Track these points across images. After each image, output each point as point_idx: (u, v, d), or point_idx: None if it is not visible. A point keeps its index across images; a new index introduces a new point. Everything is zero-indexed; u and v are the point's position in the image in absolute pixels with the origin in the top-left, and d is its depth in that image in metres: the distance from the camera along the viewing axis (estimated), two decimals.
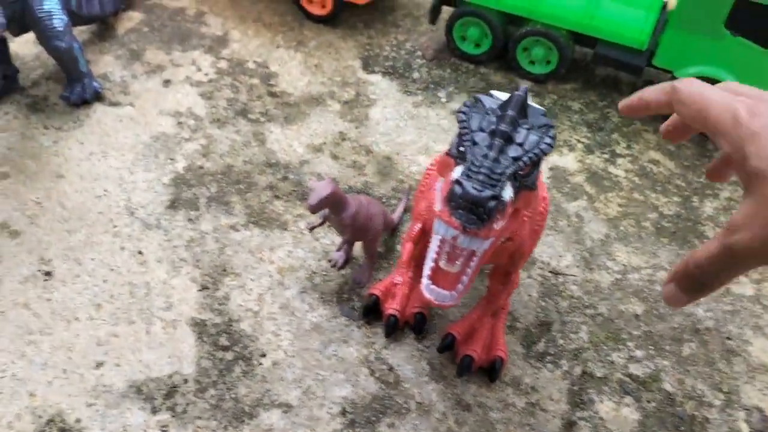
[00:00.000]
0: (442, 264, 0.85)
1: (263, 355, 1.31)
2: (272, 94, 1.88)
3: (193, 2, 2.16)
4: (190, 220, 1.54)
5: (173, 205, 1.56)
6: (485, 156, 0.80)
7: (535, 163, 0.83)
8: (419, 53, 2.07)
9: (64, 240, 1.47)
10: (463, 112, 0.87)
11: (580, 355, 1.36)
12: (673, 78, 1.82)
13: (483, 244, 0.79)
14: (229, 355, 1.30)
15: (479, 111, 0.87)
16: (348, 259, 1.48)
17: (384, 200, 1.62)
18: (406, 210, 1.60)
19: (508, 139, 0.83)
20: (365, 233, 1.37)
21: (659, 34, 1.80)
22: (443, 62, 2.05)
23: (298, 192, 1.62)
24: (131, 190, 1.58)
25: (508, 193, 0.79)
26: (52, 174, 1.61)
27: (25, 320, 1.32)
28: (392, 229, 1.54)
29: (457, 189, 0.76)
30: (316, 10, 2.10)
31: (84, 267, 1.42)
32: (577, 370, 1.34)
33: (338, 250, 1.37)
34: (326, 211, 1.31)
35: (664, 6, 1.84)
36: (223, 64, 1.96)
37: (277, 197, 1.61)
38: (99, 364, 1.27)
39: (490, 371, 1.29)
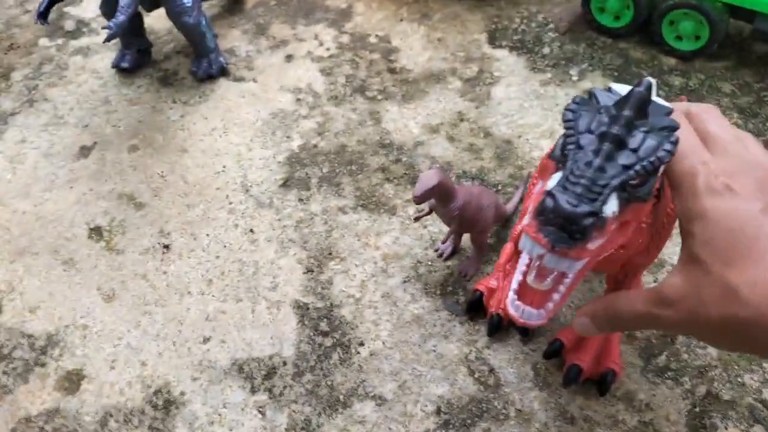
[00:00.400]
0: (530, 280, 0.76)
1: (361, 344, 1.29)
2: (392, 71, 1.83)
3: None
4: (301, 200, 1.54)
5: (286, 183, 1.57)
6: (589, 164, 0.69)
7: (650, 173, 0.71)
8: (552, 26, 1.93)
9: (183, 214, 1.53)
10: (571, 110, 0.76)
11: (706, 373, 1.22)
12: None
13: (574, 265, 0.69)
14: (328, 341, 1.30)
15: (590, 109, 0.75)
16: (455, 250, 1.41)
17: (499, 188, 1.54)
18: (523, 198, 1.50)
19: (620, 144, 0.71)
20: (474, 225, 1.30)
21: None
22: (578, 36, 1.89)
23: (410, 176, 1.57)
24: (248, 167, 1.61)
25: (611, 207, 0.68)
26: (177, 148, 1.67)
27: (143, 291, 1.39)
28: (506, 220, 1.45)
29: (549, 202, 0.66)
30: None
31: (199, 242, 1.47)
32: (701, 390, 1.20)
33: (444, 241, 1.31)
34: (432, 201, 1.25)
35: None
36: (345, 39, 1.93)
37: (388, 180, 1.57)
38: (206, 339, 1.31)
39: (600, 384, 1.19)
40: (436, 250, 1.42)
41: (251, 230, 1.48)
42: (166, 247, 1.47)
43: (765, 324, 0.65)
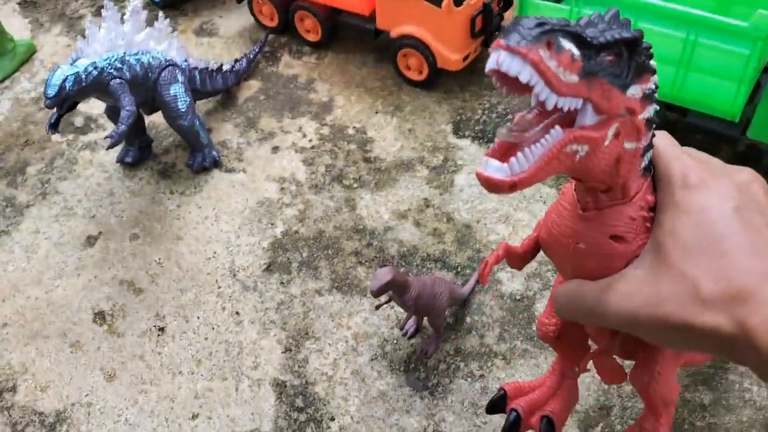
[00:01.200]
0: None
1: (332, 419, 1.46)
2: (366, 160, 2.03)
3: (304, 69, 2.37)
4: (282, 283, 1.72)
5: (269, 268, 1.76)
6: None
7: (610, 43, 0.67)
8: (511, 116, 2.14)
9: (177, 298, 1.71)
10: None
11: None
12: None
13: (524, 70, 0.62)
14: (303, 417, 1.47)
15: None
16: (418, 329, 1.59)
17: (459, 270, 1.72)
18: (478, 281, 1.68)
19: (604, 23, 0.69)
20: (429, 311, 1.48)
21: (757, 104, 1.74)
22: None
23: (380, 259, 1.75)
24: (236, 253, 1.80)
25: (570, 46, 0.63)
26: (173, 236, 1.87)
27: (140, 371, 1.57)
28: (464, 301, 1.63)
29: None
30: (414, 76, 2.23)
31: (191, 324, 1.65)
32: None
33: (403, 324, 1.48)
34: (390, 292, 1.44)
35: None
36: (325, 130, 2.14)
37: (360, 263, 1.75)
38: (194, 416, 1.48)
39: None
40: (401, 329, 1.59)
41: (237, 312, 1.67)
42: (161, 329, 1.65)
43: (724, 332, 0.61)
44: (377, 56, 2.40)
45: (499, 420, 1.42)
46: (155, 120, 2.18)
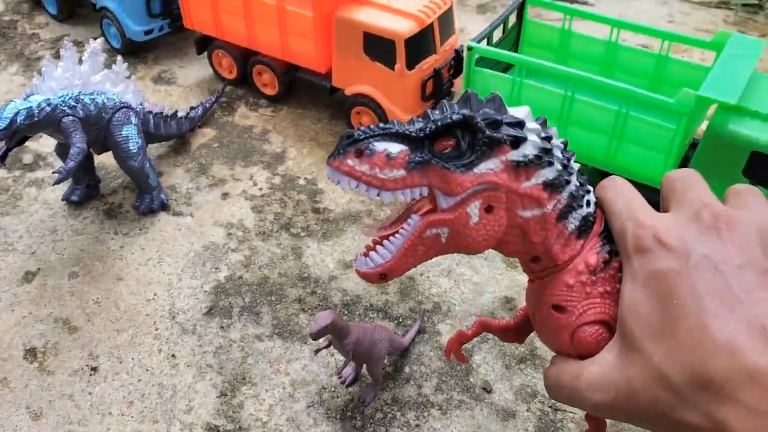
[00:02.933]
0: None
1: None
2: (315, 210, 2.07)
3: (260, 121, 2.42)
4: (222, 327, 1.71)
5: (210, 312, 1.75)
6: (393, 122, 0.72)
7: (447, 136, 0.70)
8: None
9: (112, 339, 1.68)
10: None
11: None
12: None
13: (336, 175, 0.69)
14: None
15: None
16: (356, 377, 1.59)
17: (400, 320, 1.74)
18: (419, 331, 1.70)
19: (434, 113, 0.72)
20: (368, 358, 1.49)
21: None
22: None
23: (323, 306, 1.76)
24: (177, 296, 1.79)
25: (385, 145, 0.68)
26: (114, 276, 1.84)
27: (68, 411, 1.52)
28: (403, 350, 1.65)
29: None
30: None
31: (124, 365, 1.62)
32: None
33: (340, 371, 1.49)
34: (330, 336, 1.45)
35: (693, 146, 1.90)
36: (277, 180, 2.18)
37: (303, 310, 1.76)
38: None
39: None
40: (340, 377, 1.59)
41: (173, 355, 1.64)
42: (94, 369, 1.61)
43: (704, 428, 0.54)
44: (332, 113, 2.47)
45: None
46: (105, 161, 2.18)
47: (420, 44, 2.11)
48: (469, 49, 1.95)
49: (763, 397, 0.50)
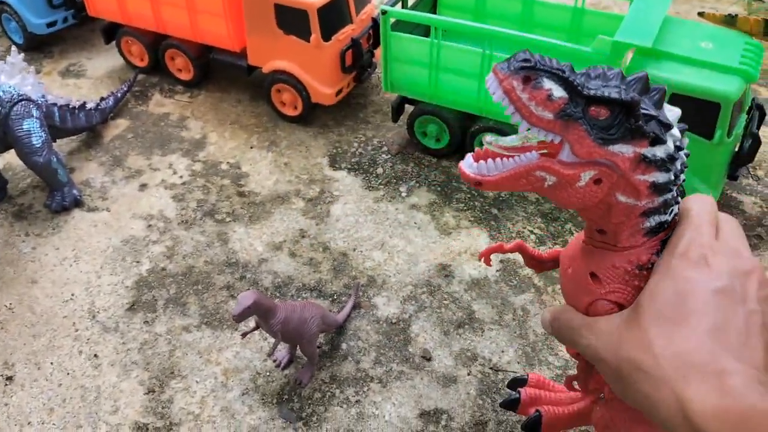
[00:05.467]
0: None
1: None
2: (241, 194, 1.99)
3: (177, 108, 2.32)
4: (146, 322, 1.62)
5: (132, 307, 1.66)
6: (565, 64, 0.73)
7: (607, 107, 0.72)
8: (385, 149, 2.17)
9: (28, 345, 1.57)
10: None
11: None
12: None
13: (497, 93, 0.71)
14: None
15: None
16: (291, 359, 1.53)
17: (335, 297, 1.68)
18: (355, 307, 1.65)
19: (608, 78, 0.74)
20: (299, 337, 1.43)
21: None
22: (407, 157, 2.13)
23: None
24: (96, 294, 1.69)
25: (553, 86, 0.71)
26: (27, 280, 1.73)
27: None
28: (339, 327, 1.59)
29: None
30: (289, 111, 2.23)
31: (43, 371, 1.51)
32: None
33: (271, 352, 1.42)
34: (256, 318, 1.38)
35: None
36: (197, 167, 2.08)
37: (232, 297, 1.68)
38: None
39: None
40: (274, 361, 1.53)
41: (95, 355, 1.55)
42: (9, 378, 1.50)
43: (663, 398, 0.64)
44: (253, 94, 2.38)
45: None
46: (12, 161, 2.05)
47: (334, 13, 2.05)
48: (383, 12, 1.89)
49: (720, 394, 0.61)
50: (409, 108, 2.14)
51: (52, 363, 1.53)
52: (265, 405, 1.45)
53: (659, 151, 0.75)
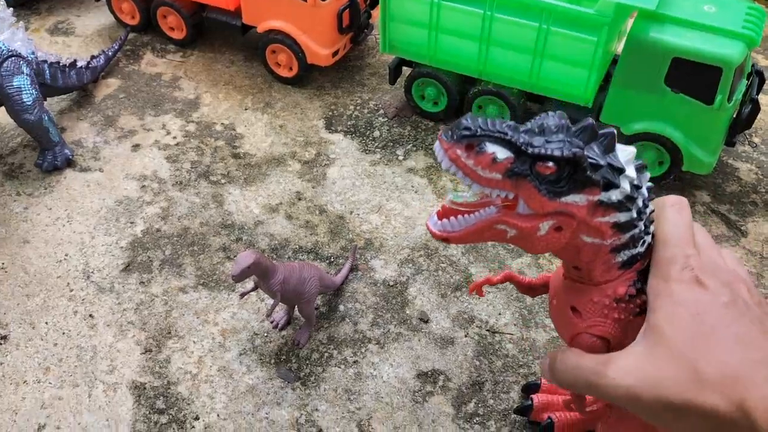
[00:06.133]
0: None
1: (197, 418, 1.36)
2: (235, 156, 1.96)
3: (169, 68, 2.27)
4: (142, 283, 1.61)
5: (128, 268, 1.64)
6: (511, 122, 0.76)
7: (537, 156, 0.74)
8: (382, 111, 2.14)
9: (22, 304, 1.55)
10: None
11: (509, 415, 1.38)
12: (620, 134, 1.84)
13: (445, 159, 0.74)
14: (164, 419, 1.36)
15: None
16: (289, 321, 1.53)
17: (332, 260, 1.68)
18: (352, 269, 1.64)
19: (542, 132, 0.76)
20: (298, 297, 1.42)
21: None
22: (404, 120, 2.11)
23: None
24: (90, 254, 1.67)
25: (497, 149, 0.73)
26: (20, 239, 1.70)
27: None
28: (336, 289, 1.59)
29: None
30: (284, 72, 2.19)
31: (37, 331, 1.50)
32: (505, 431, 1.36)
33: (269, 313, 1.42)
34: (255, 278, 1.37)
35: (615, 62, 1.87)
36: (191, 128, 2.05)
37: (228, 258, 1.67)
38: (41, 427, 1.34)
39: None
40: (272, 322, 1.52)
41: (91, 315, 1.53)
42: (4, 338, 1.49)
43: (723, 411, 0.64)
44: (247, 54, 2.34)
45: (372, 405, 1.38)
46: (1, 119, 2.01)
47: None
48: None
49: None
50: (406, 70, 2.11)
51: (47, 323, 1.52)
52: (263, 365, 1.45)
53: (614, 195, 0.77)
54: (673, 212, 0.79)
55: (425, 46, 1.94)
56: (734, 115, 1.79)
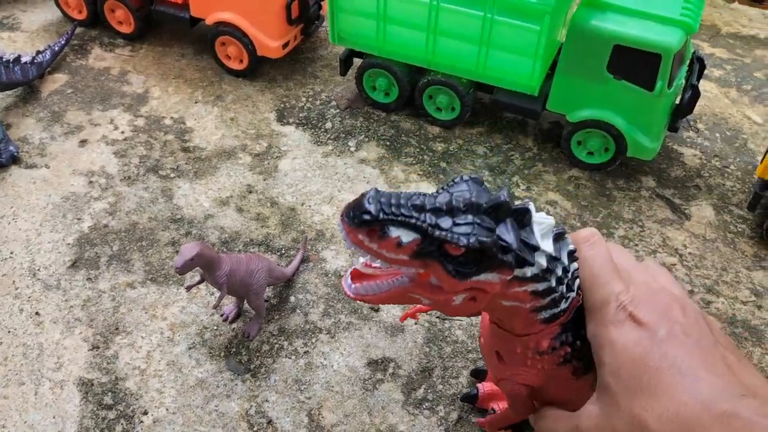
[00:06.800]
0: (359, 263, 0.83)
1: (145, 413, 1.35)
2: (185, 150, 1.95)
3: (117, 62, 2.24)
4: (89, 279, 1.59)
5: (75, 264, 1.62)
6: (417, 198, 0.74)
7: (438, 239, 0.73)
8: (334, 103, 2.14)
9: None
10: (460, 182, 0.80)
11: (458, 400, 1.40)
12: (567, 122, 1.88)
13: (349, 241, 0.73)
14: (112, 414, 1.35)
15: (466, 189, 0.77)
16: (239, 313, 1.52)
17: (283, 252, 1.68)
18: (303, 260, 1.64)
19: (452, 212, 0.74)
20: (246, 289, 1.42)
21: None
22: (356, 111, 2.12)
23: None
24: (36, 252, 1.64)
25: (401, 233, 0.72)
26: None
27: None
28: (287, 281, 1.59)
29: (362, 197, 0.75)
30: (234, 65, 2.18)
31: None
32: (453, 416, 1.37)
33: (215, 307, 1.41)
34: (201, 270, 1.37)
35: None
36: (140, 122, 2.03)
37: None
38: None
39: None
40: (221, 315, 1.52)
41: (37, 313, 1.51)
42: None
43: None
44: (197, 48, 2.32)
45: (322, 395, 1.39)
46: None
47: None
48: None
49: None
50: (357, 62, 2.12)
51: None
52: (213, 358, 1.45)
53: (529, 271, 0.77)
54: (587, 249, 0.80)
55: (374, 37, 1.95)
56: (676, 102, 1.84)
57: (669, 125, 1.86)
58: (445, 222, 0.73)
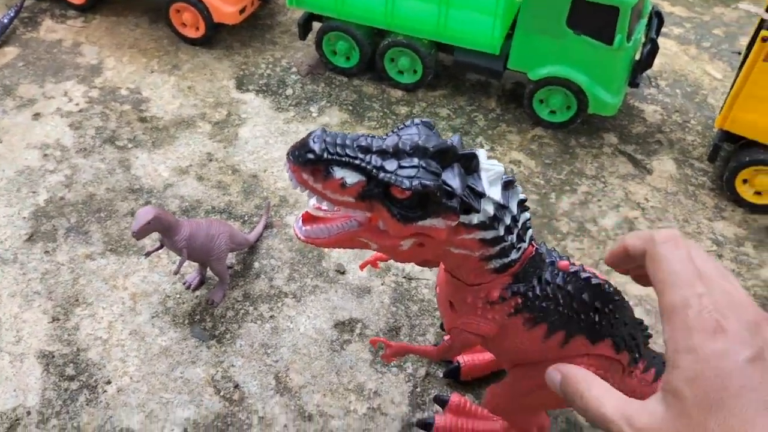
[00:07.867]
0: (310, 204, 0.79)
1: (108, 383, 1.33)
2: (142, 120, 1.90)
3: (69, 33, 2.17)
4: (46, 252, 1.55)
5: (31, 238, 1.58)
6: (365, 140, 0.72)
7: (385, 183, 0.71)
8: (294, 69, 2.11)
9: None
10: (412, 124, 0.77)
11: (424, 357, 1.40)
12: (528, 80, 1.87)
13: (294, 181, 0.72)
14: (74, 385, 1.32)
15: (417, 132, 0.75)
16: (202, 281, 1.50)
17: (246, 218, 1.65)
18: (267, 226, 1.62)
19: (398, 154, 0.72)
20: (207, 255, 1.40)
21: None
22: (317, 77, 2.09)
23: None
24: None
25: (346, 174, 0.71)
26: None
27: None
28: (251, 247, 1.57)
29: (309, 137, 0.72)
30: (190, 32, 2.13)
31: None
32: (421, 372, 1.37)
33: (176, 272, 1.39)
34: (160, 236, 1.34)
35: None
36: (94, 93, 1.97)
37: None
38: None
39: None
40: (184, 283, 1.50)
41: None
42: None
43: None
44: (152, 17, 2.26)
45: (289, 357, 1.38)
46: None
47: None
48: None
49: None
50: (317, 26, 2.08)
51: None
52: (177, 326, 1.43)
53: (475, 218, 0.75)
54: (668, 249, 0.74)
55: None
56: (636, 57, 1.84)
57: (630, 81, 1.87)
58: (391, 164, 0.71)
